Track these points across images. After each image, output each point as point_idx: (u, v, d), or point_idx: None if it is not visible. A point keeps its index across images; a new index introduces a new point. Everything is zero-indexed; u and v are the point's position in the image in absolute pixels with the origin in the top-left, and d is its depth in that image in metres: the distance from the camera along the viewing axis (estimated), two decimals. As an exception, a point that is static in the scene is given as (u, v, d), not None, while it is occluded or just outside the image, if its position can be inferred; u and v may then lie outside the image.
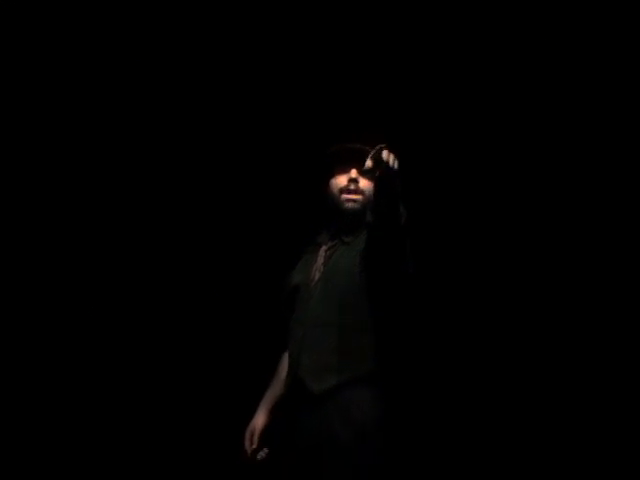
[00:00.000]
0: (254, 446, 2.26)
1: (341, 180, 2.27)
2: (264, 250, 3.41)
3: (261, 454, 2.25)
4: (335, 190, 2.27)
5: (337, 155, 2.30)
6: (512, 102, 3.49)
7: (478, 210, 3.46)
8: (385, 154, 1.92)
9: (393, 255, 2.10)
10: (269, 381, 2.38)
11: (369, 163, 1.94)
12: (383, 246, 2.08)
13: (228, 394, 3.35)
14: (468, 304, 3.37)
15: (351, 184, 2.24)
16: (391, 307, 2.18)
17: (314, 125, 3.40)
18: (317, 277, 2.23)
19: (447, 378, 3.31)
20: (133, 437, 3.51)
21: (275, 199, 3.50)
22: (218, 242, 3.60)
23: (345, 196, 2.25)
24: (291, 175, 3.40)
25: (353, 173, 2.25)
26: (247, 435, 2.28)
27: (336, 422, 2.06)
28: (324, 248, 2.29)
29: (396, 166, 1.93)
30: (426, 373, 3.20)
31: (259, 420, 2.30)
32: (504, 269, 3.41)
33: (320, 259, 2.27)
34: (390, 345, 2.17)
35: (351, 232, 2.25)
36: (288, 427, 2.19)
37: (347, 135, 2.36)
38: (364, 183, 2.24)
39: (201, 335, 3.58)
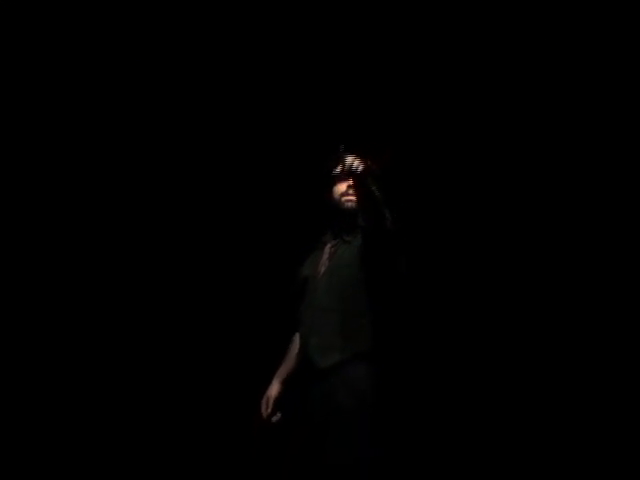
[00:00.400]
0: (269, 411, 2.59)
1: (341, 187, 2.63)
2: (277, 249, 3.64)
3: (275, 417, 2.59)
4: (336, 195, 2.63)
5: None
6: (496, 108, 3.64)
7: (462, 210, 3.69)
8: (349, 159, 2.36)
9: (384, 254, 2.46)
10: (282, 358, 2.70)
11: (340, 168, 2.41)
12: (374, 246, 2.45)
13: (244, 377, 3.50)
14: (454, 295, 3.65)
15: (349, 189, 2.60)
16: (385, 297, 2.51)
17: (320, 141, 3.48)
18: (323, 270, 2.59)
19: (434, 356, 3.58)
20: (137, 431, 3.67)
21: (288, 205, 3.73)
22: (236, 244, 3.82)
23: (344, 197, 2.62)
24: (300, 185, 3.56)
25: (350, 181, 2.60)
26: (263, 402, 2.62)
27: (340, 393, 2.39)
28: (329, 246, 2.64)
29: (360, 167, 2.34)
30: (416, 352, 3.39)
31: (273, 389, 2.63)
32: (481, 261, 3.66)
33: (325, 255, 2.63)
34: (384, 328, 2.50)
35: (351, 232, 2.60)
36: (300, 398, 2.52)
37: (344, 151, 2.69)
38: None
39: (217, 324, 3.77)
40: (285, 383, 2.65)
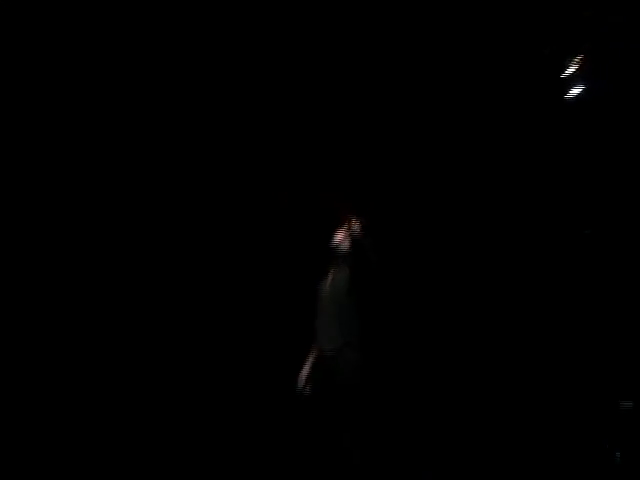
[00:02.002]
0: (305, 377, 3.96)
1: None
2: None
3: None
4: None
5: None
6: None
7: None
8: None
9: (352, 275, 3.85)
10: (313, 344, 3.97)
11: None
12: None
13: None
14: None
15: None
16: (351, 305, 3.84)
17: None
18: (328, 287, 3.99)
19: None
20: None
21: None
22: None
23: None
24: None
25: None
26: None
27: (340, 367, 3.75)
28: (332, 271, 4.05)
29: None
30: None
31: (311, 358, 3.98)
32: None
33: (331, 276, 3.99)
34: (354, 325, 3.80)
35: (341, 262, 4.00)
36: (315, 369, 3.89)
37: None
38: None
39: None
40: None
